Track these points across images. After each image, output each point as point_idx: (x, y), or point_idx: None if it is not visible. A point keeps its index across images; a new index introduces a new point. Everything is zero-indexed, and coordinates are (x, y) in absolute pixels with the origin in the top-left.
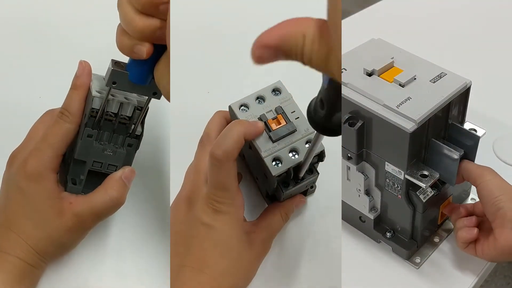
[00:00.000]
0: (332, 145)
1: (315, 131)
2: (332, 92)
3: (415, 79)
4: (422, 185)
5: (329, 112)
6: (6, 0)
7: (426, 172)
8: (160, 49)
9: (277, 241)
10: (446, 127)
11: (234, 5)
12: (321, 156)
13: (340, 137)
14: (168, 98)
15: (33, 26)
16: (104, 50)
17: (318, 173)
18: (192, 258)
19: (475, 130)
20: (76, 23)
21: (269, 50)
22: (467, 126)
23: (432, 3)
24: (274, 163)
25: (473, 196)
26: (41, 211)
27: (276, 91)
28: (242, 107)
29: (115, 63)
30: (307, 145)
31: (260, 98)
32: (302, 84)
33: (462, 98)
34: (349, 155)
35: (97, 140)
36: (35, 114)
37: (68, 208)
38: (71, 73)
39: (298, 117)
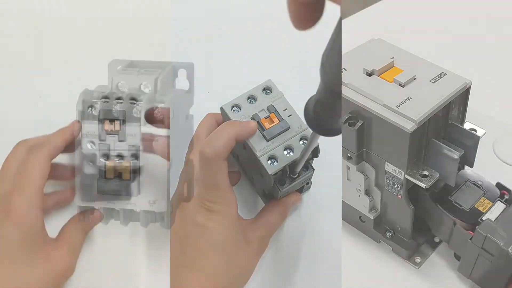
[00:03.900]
0: (332, 144)
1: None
2: (330, 95)
3: (415, 79)
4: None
5: (327, 113)
6: (6, 0)
7: (426, 172)
8: None
9: (279, 241)
10: (446, 127)
11: (236, 5)
12: (315, 152)
13: (340, 137)
14: None
15: (33, 25)
16: (104, 49)
17: (314, 169)
18: (188, 259)
19: (475, 130)
20: (76, 23)
21: None
22: (467, 126)
23: (432, 3)
24: (269, 161)
25: None
26: None
27: (266, 90)
28: (234, 108)
29: None
30: (301, 142)
31: (251, 98)
32: (292, 82)
33: (462, 98)
34: (349, 155)
35: None
36: (34, 112)
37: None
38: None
39: (290, 115)
